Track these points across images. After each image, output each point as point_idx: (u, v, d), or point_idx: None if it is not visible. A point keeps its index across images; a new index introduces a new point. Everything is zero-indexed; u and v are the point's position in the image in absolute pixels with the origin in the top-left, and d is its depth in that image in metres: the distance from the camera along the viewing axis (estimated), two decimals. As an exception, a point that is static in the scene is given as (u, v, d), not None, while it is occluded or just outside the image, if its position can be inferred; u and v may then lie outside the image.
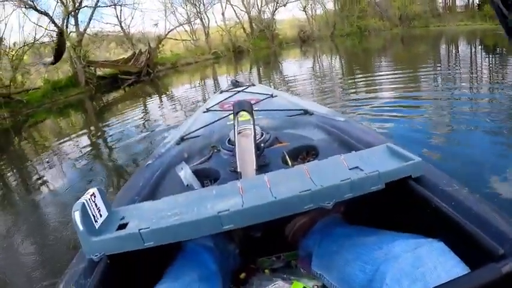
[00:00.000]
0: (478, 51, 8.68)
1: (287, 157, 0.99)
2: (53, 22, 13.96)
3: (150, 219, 0.68)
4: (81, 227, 0.63)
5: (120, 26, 18.84)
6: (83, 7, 15.20)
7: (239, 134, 1.01)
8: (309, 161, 0.94)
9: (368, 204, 0.79)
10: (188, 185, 0.95)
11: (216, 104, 1.94)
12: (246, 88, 2.22)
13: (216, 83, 10.14)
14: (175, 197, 0.76)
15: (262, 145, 1.05)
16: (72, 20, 14.65)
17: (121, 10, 18.80)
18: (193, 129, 1.49)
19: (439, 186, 0.70)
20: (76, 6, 14.60)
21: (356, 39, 19.81)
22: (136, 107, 7.67)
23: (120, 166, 3.65)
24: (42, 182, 3.65)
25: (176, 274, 0.72)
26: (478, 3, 20.90)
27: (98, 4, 16.25)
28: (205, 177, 1.01)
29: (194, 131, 1.45)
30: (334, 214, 0.88)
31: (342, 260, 0.70)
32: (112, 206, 0.75)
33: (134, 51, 16.63)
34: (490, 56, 6.88)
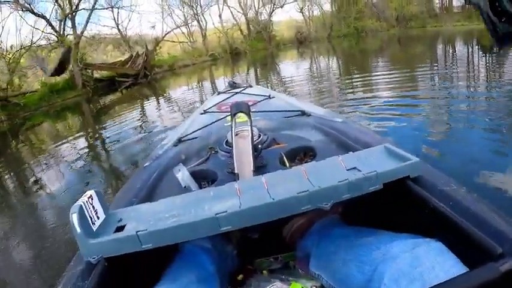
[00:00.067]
0: (475, 51, 8.69)
1: (285, 158, 0.99)
2: (50, 25, 14.01)
3: (148, 221, 0.67)
4: (78, 230, 0.63)
5: (117, 29, 18.91)
6: (80, 10, 15.22)
7: (236, 136, 1.01)
8: (307, 162, 0.94)
9: (366, 204, 0.79)
10: (186, 187, 0.95)
11: (214, 106, 1.93)
12: (244, 89, 2.22)
13: (214, 85, 10.12)
14: (172, 199, 0.76)
15: (259, 146, 1.05)
16: (69, 23, 14.68)
17: (118, 12, 18.87)
18: (190, 130, 1.49)
19: (437, 186, 0.70)
20: (73, 9, 14.61)
21: (353, 40, 19.82)
22: (133, 109, 7.64)
23: (118, 168, 3.64)
24: (40, 185, 3.64)
25: (174, 276, 0.72)
26: (475, 3, 20.89)
27: (95, 7, 16.28)
28: (202, 178, 1.01)
29: (191, 133, 1.45)
30: (332, 215, 0.88)
31: (340, 261, 0.70)
32: (110, 208, 0.75)
33: (131, 53, 16.63)
34: (487, 56, 6.89)
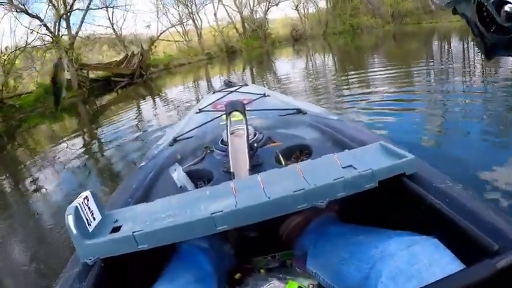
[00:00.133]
0: (471, 46, 8.70)
1: (280, 157, 0.99)
2: (45, 26, 13.94)
3: (144, 221, 0.67)
4: (74, 231, 0.63)
5: (112, 28, 18.82)
6: (75, 10, 15.18)
7: (232, 134, 1.00)
8: (303, 160, 0.94)
9: (362, 202, 0.79)
10: (181, 187, 0.95)
11: (209, 105, 1.93)
12: (239, 88, 2.22)
13: (209, 84, 10.12)
14: (168, 199, 0.76)
15: (255, 145, 1.05)
16: (64, 23, 14.61)
17: (113, 12, 18.85)
18: (186, 130, 1.49)
19: (433, 183, 0.71)
20: (67, 9, 14.56)
21: (348, 37, 19.85)
22: (129, 109, 7.62)
23: (114, 168, 3.63)
24: (36, 187, 3.62)
25: (171, 276, 0.72)
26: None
27: (90, 7, 16.23)
28: (198, 178, 1.01)
29: (187, 132, 1.45)
30: (328, 213, 0.88)
31: (337, 259, 0.70)
32: (106, 209, 0.74)
33: (127, 53, 16.60)
34: (482, 51, 6.91)
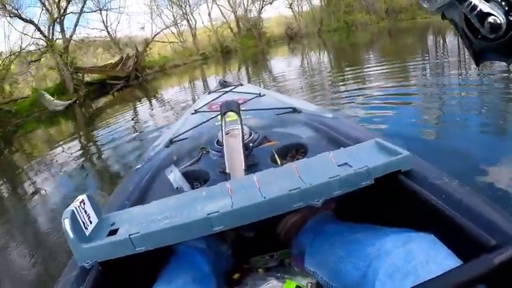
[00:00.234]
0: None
1: (276, 156, 0.99)
2: (39, 30, 13.87)
3: (140, 223, 0.67)
4: (71, 235, 0.63)
5: (106, 31, 18.74)
6: (68, 13, 15.12)
7: (227, 135, 1.00)
8: (298, 159, 0.94)
9: (358, 200, 0.79)
10: (178, 188, 0.95)
11: (205, 105, 1.93)
12: (234, 88, 2.21)
13: (205, 84, 10.11)
14: (165, 200, 0.76)
15: (250, 145, 1.05)
16: (58, 27, 14.57)
17: (107, 15, 18.76)
18: (182, 131, 1.48)
19: (429, 179, 0.71)
20: (61, 13, 14.51)
21: (343, 34, 19.85)
22: (126, 112, 7.60)
23: (111, 171, 3.62)
24: (33, 191, 3.62)
25: (170, 277, 0.72)
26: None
27: (84, 10, 16.17)
28: (194, 179, 1.01)
29: (183, 133, 1.45)
30: (325, 211, 0.88)
31: (335, 257, 0.70)
32: (103, 212, 0.74)
33: (122, 55, 16.55)
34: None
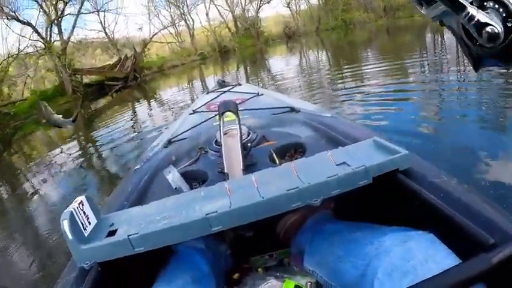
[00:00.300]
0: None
1: (274, 155, 0.99)
2: (36, 32, 13.87)
3: (139, 224, 0.67)
4: (70, 236, 0.63)
5: (104, 32, 18.76)
6: (66, 15, 15.11)
7: (225, 135, 1.00)
8: (297, 159, 0.93)
9: (357, 199, 0.79)
10: (176, 188, 0.95)
11: (203, 105, 1.93)
12: (232, 88, 2.21)
13: (204, 84, 10.11)
14: (163, 201, 0.76)
15: (249, 145, 1.05)
16: (55, 29, 14.57)
17: (104, 16, 18.74)
18: (180, 131, 1.49)
19: (427, 178, 0.71)
20: (59, 14, 14.50)
21: (341, 32, 19.87)
22: (124, 113, 7.61)
23: (110, 171, 3.63)
24: (32, 193, 3.63)
25: (169, 278, 0.72)
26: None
27: (81, 11, 16.16)
28: (193, 179, 1.01)
29: (181, 134, 1.45)
30: (324, 210, 0.88)
31: (334, 256, 0.70)
32: (101, 213, 0.74)
33: (120, 56, 16.57)
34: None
